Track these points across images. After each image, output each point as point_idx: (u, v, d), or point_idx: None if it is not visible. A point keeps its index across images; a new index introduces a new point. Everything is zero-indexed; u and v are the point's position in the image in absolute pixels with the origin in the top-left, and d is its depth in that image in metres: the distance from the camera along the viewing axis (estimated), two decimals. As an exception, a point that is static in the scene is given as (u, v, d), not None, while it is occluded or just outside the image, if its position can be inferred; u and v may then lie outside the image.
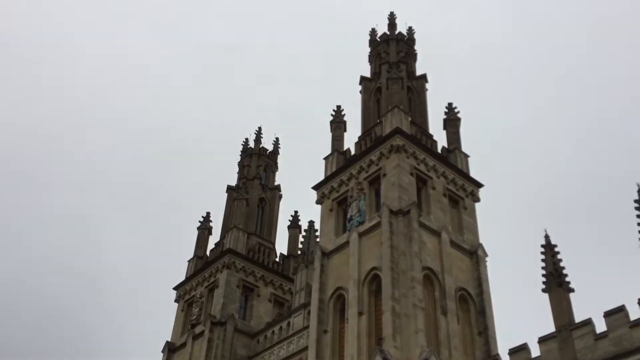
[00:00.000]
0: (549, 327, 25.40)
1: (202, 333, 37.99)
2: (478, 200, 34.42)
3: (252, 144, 51.34)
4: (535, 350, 25.92)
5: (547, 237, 27.29)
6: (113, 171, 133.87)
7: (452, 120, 37.08)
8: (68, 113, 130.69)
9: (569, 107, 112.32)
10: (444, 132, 36.93)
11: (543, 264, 26.52)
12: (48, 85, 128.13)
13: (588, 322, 24.40)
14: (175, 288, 43.86)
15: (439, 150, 34.95)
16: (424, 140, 34.42)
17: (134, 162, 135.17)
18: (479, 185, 34.89)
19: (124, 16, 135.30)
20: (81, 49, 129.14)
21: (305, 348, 31.89)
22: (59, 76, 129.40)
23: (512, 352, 26.56)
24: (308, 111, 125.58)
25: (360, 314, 28.31)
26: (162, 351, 40.47)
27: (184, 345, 39.31)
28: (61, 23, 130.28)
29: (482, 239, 32.71)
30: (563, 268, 26.16)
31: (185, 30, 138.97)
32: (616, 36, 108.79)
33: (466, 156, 35.78)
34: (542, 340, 25.47)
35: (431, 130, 36.47)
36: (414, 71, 39.31)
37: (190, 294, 42.39)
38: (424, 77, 38.78)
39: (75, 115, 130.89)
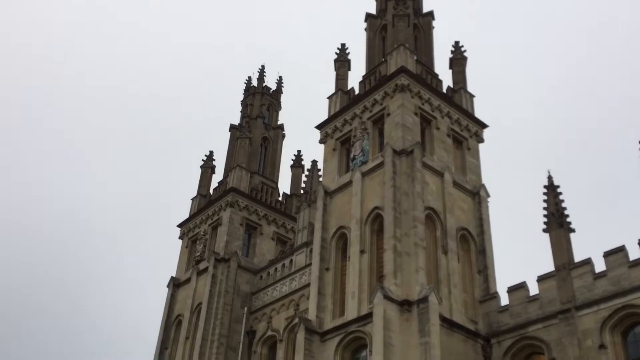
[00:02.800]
0: (549, 267, 25.79)
1: (206, 269, 38.64)
2: (482, 141, 34.24)
3: (255, 83, 50.78)
4: (533, 289, 26.40)
5: (549, 178, 27.35)
6: (115, 109, 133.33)
7: (458, 60, 36.46)
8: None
9: (576, 51, 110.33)
10: (450, 71, 36.39)
11: (545, 205, 26.66)
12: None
13: (587, 262, 24.72)
14: (179, 225, 44.34)
15: (444, 90, 34.53)
16: (429, 79, 33.95)
17: (137, 101, 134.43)
18: (484, 125, 34.63)
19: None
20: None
21: (307, 285, 32.45)
22: None
23: (511, 290, 27.08)
24: (312, 49, 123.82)
25: (362, 252, 28.65)
26: (168, 286, 41.29)
27: (188, 280, 40.07)
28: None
29: (485, 180, 32.76)
30: (564, 209, 26.34)
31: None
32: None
33: (471, 96, 35.38)
34: (541, 279, 25.91)
35: (437, 70, 35.97)
36: (420, 8, 38.39)
37: (194, 231, 42.90)
38: (430, 15, 37.89)
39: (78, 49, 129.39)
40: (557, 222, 25.72)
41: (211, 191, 44.83)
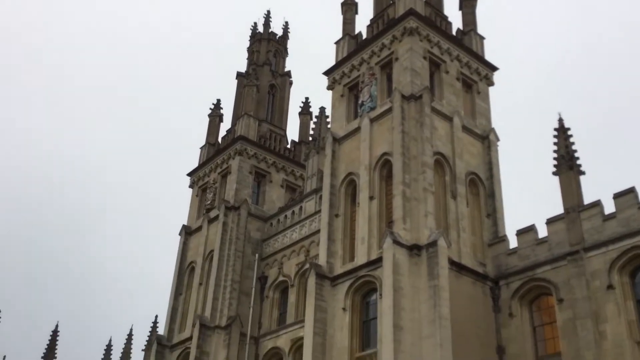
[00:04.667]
0: (558, 210, 25.81)
1: (216, 217, 39.02)
2: (492, 84, 33.77)
3: (261, 29, 49.91)
4: (542, 232, 26.51)
5: (560, 120, 27.08)
6: (121, 58, 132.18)
7: (468, 0, 35.59)
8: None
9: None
10: (460, 13, 35.57)
11: (555, 147, 26.48)
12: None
13: (597, 204, 24.72)
14: (189, 174, 44.56)
15: (454, 33, 33.85)
16: (439, 22, 33.23)
17: (143, 51, 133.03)
18: (494, 68, 34.08)
19: None
20: None
21: (317, 231, 32.77)
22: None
23: (520, 233, 27.23)
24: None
25: (371, 198, 28.76)
26: (179, 234, 41.83)
27: (200, 228, 40.54)
28: None
29: (495, 124, 32.49)
30: (575, 151, 26.17)
31: None
32: None
33: (481, 38, 34.68)
34: (550, 222, 26.00)
35: (446, 12, 35.15)
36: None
37: (203, 180, 43.13)
38: (439, -46, 36.74)
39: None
40: (567, 164, 25.59)
41: (220, 140, 44.80)
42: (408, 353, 23.50)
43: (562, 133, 26.63)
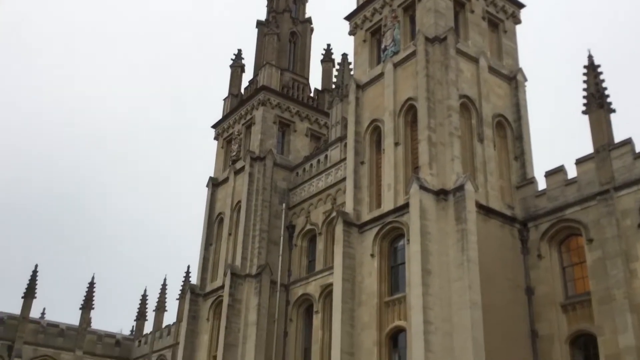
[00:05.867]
0: (588, 150, 25.35)
1: (242, 168, 39.27)
2: (519, 22, 32.77)
3: (279, -25, 48.78)
4: (572, 172, 26.15)
5: (590, 57, 26.29)
6: (139, 10, 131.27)
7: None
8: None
9: None
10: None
11: (585, 86, 25.81)
12: None
13: (627, 142, 24.24)
14: (213, 126, 44.66)
15: (478, -30, 32.70)
16: (462, -41, 32.10)
17: (161, 3, 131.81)
18: (521, 5, 33.00)
19: None
20: None
21: (343, 179, 32.80)
22: None
23: (549, 174, 26.91)
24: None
25: (396, 144, 28.56)
26: (207, 186, 42.29)
27: (226, 180, 40.91)
28: None
29: (522, 63, 31.69)
30: (605, 89, 25.49)
31: None
32: None
33: (507, -25, 33.48)
34: (579, 162, 25.61)
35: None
36: None
37: (228, 131, 43.21)
38: None
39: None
40: (597, 102, 24.96)
41: (242, 91, 44.61)
42: (437, 296, 23.74)
43: (592, 70, 25.87)
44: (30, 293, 51.83)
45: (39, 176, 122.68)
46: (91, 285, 55.57)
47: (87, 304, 54.63)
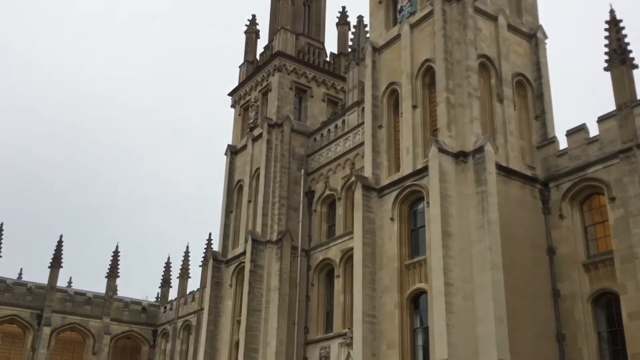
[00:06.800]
0: (610, 108, 24.90)
1: (260, 135, 39.28)
2: (538, -23, 31.95)
3: (291, -63, 47.84)
4: (593, 131, 25.76)
5: (612, 12, 25.60)
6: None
7: None
8: None
9: None
10: None
11: (606, 42, 25.21)
12: None
13: (651, 98, 23.68)
14: (230, 94, 44.56)
15: None
16: None
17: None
18: (540, -39, 32.11)
19: None
20: None
21: (362, 144, 32.66)
22: None
23: (570, 133, 26.55)
24: None
25: (414, 107, 28.30)
26: (225, 154, 42.44)
27: (244, 147, 41.00)
28: None
29: (542, 20, 30.98)
30: (628, 44, 24.89)
31: None
32: None
33: None
34: (601, 120, 25.20)
35: None
36: None
37: (244, 98, 43.11)
38: None
39: None
40: (619, 58, 24.38)
41: (258, 57, 44.31)
42: (457, 258, 23.79)
43: (614, 26, 25.20)
44: (56, 263, 52.95)
45: (61, 147, 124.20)
46: (115, 253, 56.59)
47: (113, 272, 55.73)
